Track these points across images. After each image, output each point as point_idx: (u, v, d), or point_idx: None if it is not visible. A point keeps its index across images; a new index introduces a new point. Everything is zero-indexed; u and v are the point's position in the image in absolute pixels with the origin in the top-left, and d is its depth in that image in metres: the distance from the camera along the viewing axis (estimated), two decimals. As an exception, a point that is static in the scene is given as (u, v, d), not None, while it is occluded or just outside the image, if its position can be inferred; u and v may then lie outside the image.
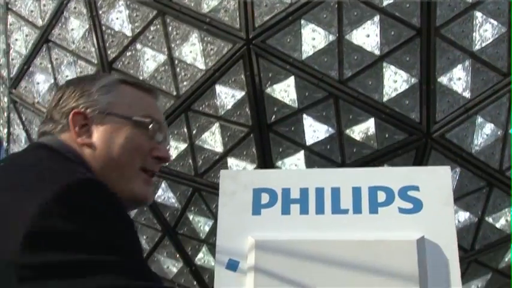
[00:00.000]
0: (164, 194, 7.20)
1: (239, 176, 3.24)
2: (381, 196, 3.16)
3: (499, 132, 7.15)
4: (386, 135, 7.15)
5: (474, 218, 7.08)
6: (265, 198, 3.19)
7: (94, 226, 1.57)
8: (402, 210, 3.14)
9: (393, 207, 3.14)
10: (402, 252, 3.02)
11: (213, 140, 7.20)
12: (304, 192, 3.18)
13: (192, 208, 7.16)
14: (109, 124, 2.00)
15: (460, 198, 7.12)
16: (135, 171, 2.02)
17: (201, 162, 7.16)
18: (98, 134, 1.99)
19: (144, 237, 7.74)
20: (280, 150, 7.17)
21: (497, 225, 7.12)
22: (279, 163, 7.16)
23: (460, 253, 7.00)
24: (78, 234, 1.54)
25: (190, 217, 7.21)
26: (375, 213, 3.14)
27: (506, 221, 7.17)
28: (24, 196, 1.60)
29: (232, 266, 3.07)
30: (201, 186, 7.15)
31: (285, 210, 3.17)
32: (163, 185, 7.24)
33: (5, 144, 8.86)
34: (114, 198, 1.71)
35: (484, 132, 7.13)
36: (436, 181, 3.17)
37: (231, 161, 7.22)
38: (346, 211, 3.15)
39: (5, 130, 8.71)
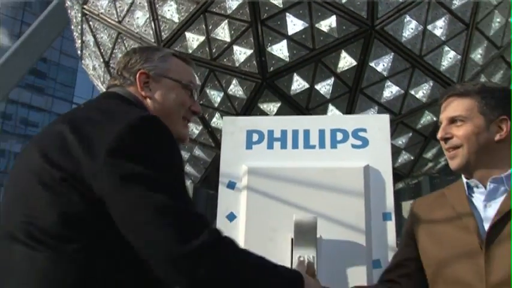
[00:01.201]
0: (189, 75, 6.88)
1: (236, 121, 3.06)
2: (339, 135, 2.98)
3: (419, 28, 6.76)
4: (344, 28, 6.79)
5: (402, 91, 6.84)
6: (255, 137, 3.01)
7: (154, 149, 1.64)
8: (354, 146, 2.96)
9: (347, 144, 2.97)
10: (353, 176, 2.87)
11: (223, 32, 6.83)
12: (283, 133, 3.00)
13: (209, 84, 6.90)
14: (165, 84, 2.02)
15: (393, 76, 6.85)
16: (179, 119, 2.05)
17: (215, 50, 6.82)
18: (156, 90, 2.00)
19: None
20: (270, 38, 6.86)
21: (417, 96, 6.90)
22: (269, 49, 6.84)
23: (391, 116, 6.88)
24: (143, 154, 1.61)
25: (207, 91, 6.96)
26: (335, 148, 2.96)
27: (423, 93, 6.91)
28: (107, 126, 1.64)
29: (231, 185, 2.95)
30: (215, 67, 6.88)
31: (270, 146, 3.00)
32: (188, 68, 6.89)
33: (79, 52, 8.42)
34: (168, 130, 1.73)
35: (410, 27, 6.77)
36: (379, 125, 2.99)
37: (236, 48, 6.89)
38: (313, 146, 2.98)
39: (79, 41, 8.26)
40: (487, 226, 2.03)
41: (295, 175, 2.88)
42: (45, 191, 1.60)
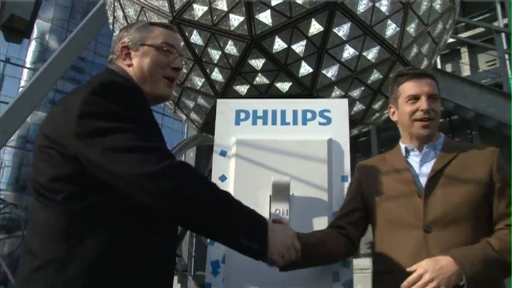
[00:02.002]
0: (194, 37, 6.40)
1: (228, 103, 2.81)
2: (309, 115, 2.72)
3: (370, 4, 6.28)
4: (314, 1, 6.26)
5: (356, 52, 6.42)
6: (242, 115, 2.75)
7: (113, 106, 1.50)
8: (320, 123, 2.71)
9: (315, 122, 2.71)
10: (319, 146, 2.64)
11: (221, 4, 6.32)
12: (265, 112, 2.74)
13: (210, 45, 6.41)
14: (142, 51, 1.78)
15: (350, 40, 6.42)
16: (159, 78, 1.80)
17: (215, 17, 6.32)
18: (135, 58, 1.78)
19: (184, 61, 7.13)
20: (258, 8, 6.35)
21: (368, 57, 6.48)
22: (256, 16, 6.37)
23: (348, 72, 6.52)
24: (107, 112, 1.48)
25: (209, 50, 6.48)
26: (305, 125, 2.72)
27: (372, 55, 6.50)
28: (79, 93, 1.54)
29: (223, 153, 2.72)
30: (215, 31, 6.38)
31: (254, 123, 2.74)
32: (194, 32, 6.41)
33: (111, 27, 7.78)
34: (125, 89, 1.59)
35: (363, 3, 6.28)
36: (339, 107, 2.74)
37: (231, 16, 6.37)
38: (288, 123, 2.72)
39: (111, 17, 7.60)
40: (422, 180, 2.02)
41: (273, 146, 2.64)
42: (41, 156, 1.54)
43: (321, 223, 2.53)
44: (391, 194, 2.08)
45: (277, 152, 2.62)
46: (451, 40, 10.47)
